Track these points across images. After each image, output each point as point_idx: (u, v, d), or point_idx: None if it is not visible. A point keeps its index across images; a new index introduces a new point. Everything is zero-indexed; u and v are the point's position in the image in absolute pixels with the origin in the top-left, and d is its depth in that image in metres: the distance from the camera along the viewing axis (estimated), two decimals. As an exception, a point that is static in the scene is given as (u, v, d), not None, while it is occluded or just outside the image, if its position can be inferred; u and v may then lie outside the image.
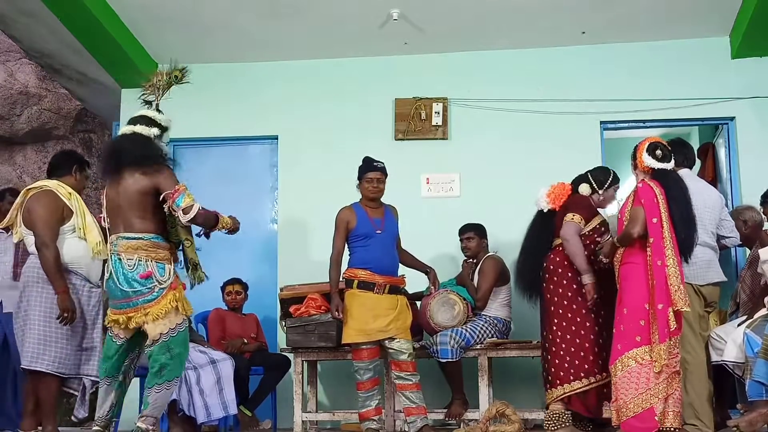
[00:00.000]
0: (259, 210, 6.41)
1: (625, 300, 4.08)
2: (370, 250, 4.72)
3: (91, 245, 4.25)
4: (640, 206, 4.08)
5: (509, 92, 6.06)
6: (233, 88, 6.38)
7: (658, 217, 4.04)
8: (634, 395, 3.97)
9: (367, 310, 4.63)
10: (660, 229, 4.02)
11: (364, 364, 4.67)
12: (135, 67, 6.10)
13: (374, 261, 4.69)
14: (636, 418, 3.96)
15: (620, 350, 4.03)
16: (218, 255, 6.26)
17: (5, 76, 7.79)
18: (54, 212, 4.16)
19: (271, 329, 5.87)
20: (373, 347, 4.68)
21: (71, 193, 4.27)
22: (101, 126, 8.46)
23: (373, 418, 4.71)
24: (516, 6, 5.59)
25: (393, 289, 4.68)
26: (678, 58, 6.00)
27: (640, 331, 4.00)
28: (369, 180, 4.79)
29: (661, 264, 3.98)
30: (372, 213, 4.81)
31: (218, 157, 6.50)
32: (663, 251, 3.99)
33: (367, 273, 4.68)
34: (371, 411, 4.70)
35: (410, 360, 4.66)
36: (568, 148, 5.93)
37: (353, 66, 6.31)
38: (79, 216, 4.23)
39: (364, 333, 4.63)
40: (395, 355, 4.67)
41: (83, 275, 4.29)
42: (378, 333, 4.63)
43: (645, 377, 3.96)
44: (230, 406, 4.87)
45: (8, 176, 7.91)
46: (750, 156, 5.86)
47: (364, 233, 4.73)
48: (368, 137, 6.02)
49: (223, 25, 5.89)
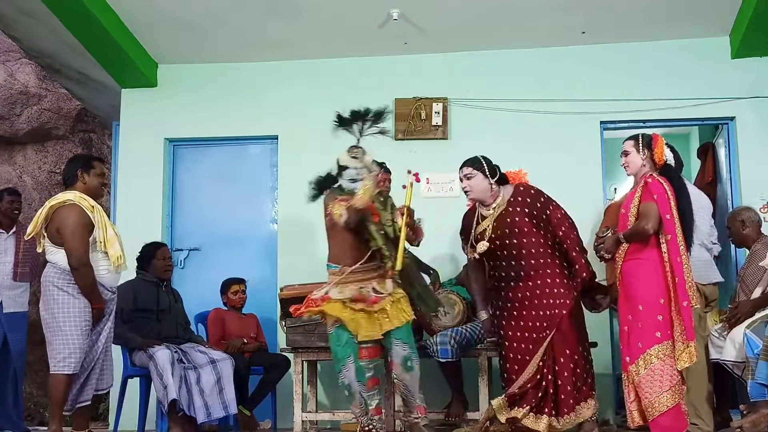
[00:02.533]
0: (259, 210, 6.41)
1: (639, 297, 3.98)
2: None
3: (113, 259, 4.30)
4: (653, 202, 3.98)
5: (509, 92, 6.06)
6: (233, 88, 6.37)
7: (671, 213, 3.96)
8: (659, 393, 3.88)
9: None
10: (674, 226, 3.96)
11: (365, 363, 4.67)
12: (135, 67, 6.12)
13: None
14: (665, 416, 3.87)
15: (642, 348, 3.93)
16: (218, 255, 6.29)
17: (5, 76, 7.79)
18: (85, 228, 4.21)
19: (271, 329, 5.87)
20: (373, 346, 4.67)
21: (94, 206, 4.29)
22: (101, 126, 8.46)
23: (374, 418, 4.71)
24: (516, 6, 5.58)
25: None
26: (678, 58, 6.00)
27: (659, 327, 3.91)
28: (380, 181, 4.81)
29: (680, 261, 3.90)
30: None
31: (218, 157, 6.50)
32: (679, 247, 3.92)
33: None
34: (371, 411, 4.70)
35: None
36: (568, 148, 5.93)
37: (353, 66, 6.30)
38: (100, 229, 4.26)
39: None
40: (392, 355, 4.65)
41: (104, 285, 4.34)
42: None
43: (669, 374, 3.87)
44: (230, 405, 4.88)
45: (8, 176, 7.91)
46: (750, 156, 5.86)
47: None
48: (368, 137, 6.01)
49: (223, 25, 5.88)
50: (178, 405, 4.69)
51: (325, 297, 4.11)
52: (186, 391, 4.74)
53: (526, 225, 4.26)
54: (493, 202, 4.35)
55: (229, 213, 6.38)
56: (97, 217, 4.27)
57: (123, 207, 6.25)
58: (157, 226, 6.22)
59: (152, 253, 5.26)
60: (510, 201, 4.31)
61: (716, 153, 6.46)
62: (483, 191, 4.34)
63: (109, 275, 4.33)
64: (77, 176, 4.37)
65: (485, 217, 4.36)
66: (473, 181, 4.33)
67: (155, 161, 6.35)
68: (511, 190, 4.36)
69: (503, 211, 4.29)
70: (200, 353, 4.95)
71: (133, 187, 6.26)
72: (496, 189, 4.36)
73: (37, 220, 4.29)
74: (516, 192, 4.34)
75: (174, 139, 6.47)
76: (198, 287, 6.11)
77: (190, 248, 6.35)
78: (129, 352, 4.98)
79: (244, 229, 6.37)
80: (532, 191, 4.34)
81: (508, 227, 4.28)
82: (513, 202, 4.30)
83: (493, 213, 4.32)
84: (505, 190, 4.37)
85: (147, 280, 5.19)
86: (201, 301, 5.84)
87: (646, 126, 6.20)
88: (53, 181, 8.15)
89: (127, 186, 6.26)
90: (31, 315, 5.67)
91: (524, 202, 4.30)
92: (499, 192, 4.36)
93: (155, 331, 5.01)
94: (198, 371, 4.83)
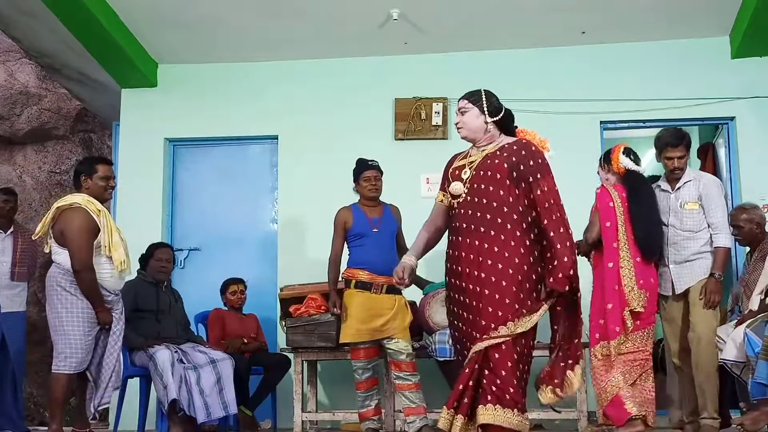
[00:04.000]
0: (259, 210, 6.41)
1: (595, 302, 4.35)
2: (366, 250, 4.73)
3: (116, 263, 4.29)
4: (596, 211, 4.40)
5: (509, 92, 5.99)
6: (233, 88, 6.38)
7: (612, 220, 4.32)
8: (606, 385, 4.22)
9: (365, 310, 4.64)
10: (614, 232, 4.30)
11: (362, 364, 4.69)
12: (135, 67, 6.12)
13: (371, 260, 4.69)
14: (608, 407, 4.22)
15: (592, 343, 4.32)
16: (218, 255, 6.29)
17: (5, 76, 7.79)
18: (89, 232, 4.20)
19: (271, 329, 5.87)
20: (370, 347, 4.69)
21: (100, 210, 4.29)
22: (101, 126, 8.46)
23: (373, 418, 4.73)
24: (516, 6, 5.59)
25: (391, 288, 4.65)
26: (678, 58, 6.00)
27: (599, 329, 4.30)
28: (366, 179, 4.82)
29: (612, 266, 4.26)
30: (369, 212, 4.83)
31: (218, 157, 6.50)
32: (615, 253, 4.27)
33: (364, 273, 4.69)
34: (370, 411, 4.72)
35: (409, 360, 4.67)
36: (568, 148, 5.89)
37: (353, 66, 6.31)
38: (106, 234, 4.27)
39: (361, 333, 4.64)
40: (394, 355, 4.67)
41: (107, 288, 4.33)
42: (375, 332, 4.64)
43: (604, 369, 4.25)
44: (230, 405, 4.87)
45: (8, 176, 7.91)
46: (750, 156, 5.86)
47: (360, 232, 4.76)
48: (368, 137, 6.03)
49: (223, 25, 5.89)
50: (178, 405, 4.68)
51: None
52: (186, 391, 4.74)
53: (503, 180, 3.30)
54: (486, 145, 3.46)
55: (229, 213, 6.38)
56: (103, 221, 4.27)
57: (123, 207, 6.25)
58: (157, 226, 6.22)
59: (151, 253, 5.26)
60: (503, 147, 3.40)
61: (716, 153, 6.46)
62: (475, 130, 3.47)
63: (112, 279, 4.34)
64: (81, 181, 4.39)
65: (472, 160, 3.45)
66: (467, 117, 3.51)
67: (155, 161, 6.35)
68: (510, 141, 3.47)
69: (489, 155, 3.39)
70: (200, 353, 4.95)
71: (134, 187, 6.26)
72: (494, 132, 3.48)
73: (45, 220, 4.33)
74: (514, 143, 3.43)
75: (174, 139, 6.47)
76: (198, 287, 6.11)
77: (190, 248, 6.35)
78: (129, 352, 4.97)
79: (244, 229, 6.37)
80: (531, 148, 3.39)
81: (487, 174, 3.34)
82: (504, 149, 3.39)
83: (478, 156, 3.43)
84: (505, 139, 3.49)
85: (147, 280, 5.19)
86: (201, 301, 5.83)
87: (646, 126, 6.21)
88: (53, 181, 8.15)
89: (127, 186, 6.25)
90: (30, 315, 5.68)
91: (514, 153, 3.35)
92: (497, 137, 3.48)
93: (155, 331, 5.01)
94: (198, 371, 4.83)
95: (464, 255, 3.29)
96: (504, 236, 3.22)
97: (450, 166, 3.55)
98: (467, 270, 3.27)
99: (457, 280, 3.33)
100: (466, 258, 3.28)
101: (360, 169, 4.87)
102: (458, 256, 3.32)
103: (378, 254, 4.70)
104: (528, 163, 3.31)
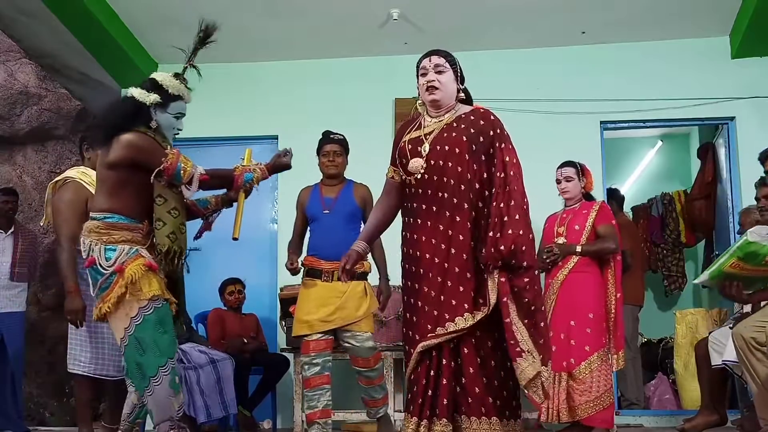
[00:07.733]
0: (259, 210, 6.41)
1: (589, 305, 4.43)
2: (315, 234, 4.35)
3: None
4: (611, 224, 4.57)
5: (509, 92, 6.05)
6: (233, 88, 6.38)
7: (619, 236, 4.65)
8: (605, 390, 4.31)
9: (311, 300, 4.22)
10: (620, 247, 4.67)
11: (308, 358, 4.18)
12: (135, 67, 6.12)
13: (319, 245, 4.29)
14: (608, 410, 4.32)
15: (589, 351, 4.35)
16: (218, 255, 6.28)
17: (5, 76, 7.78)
18: (75, 206, 3.91)
19: (271, 329, 5.87)
20: (319, 339, 4.19)
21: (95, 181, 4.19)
22: (101, 126, 8.45)
23: (318, 421, 4.18)
24: (516, 6, 5.59)
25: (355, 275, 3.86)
26: (678, 58, 6.01)
27: (604, 333, 4.42)
28: (325, 153, 4.46)
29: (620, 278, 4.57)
30: (326, 191, 4.42)
31: (218, 157, 6.45)
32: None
33: (313, 259, 4.31)
34: (316, 413, 4.18)
35: (368, 356, 4.23)
36: (568, 148, 5.91)
37: (353, 66, 6.31)
38: None
39: (306, 324, 4.20)
40: (350, 350, 4.26)
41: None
42: (320, 324, 4.18)
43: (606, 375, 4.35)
44: (230, 405, 4.87)
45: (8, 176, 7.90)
46: (750, 156, 5.84)
47: (311, 214, 4.39)
48: (368, 137, 6.02)
49: (223, 25, 5.85)
50: (178, 405, 4.68)
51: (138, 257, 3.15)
52: (186, 391, 4.74)
53: (461, 155, 3.02)
54: (444, 113, 3.15)
55: (229, 213, 6.37)
56: None
57: (123, 207, 6.24)
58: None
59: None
60: (460, 117, 3.11)
61: (716, 153, 6.46)
62: (450, 95, 3.17)
63: None
64: (82, 152, 4.35)
65: (429, 131, 3.13)
66: (445, 78, 3.20)
67: (155, 161, 6.34)
68: (467, 110, 3.16)
69: (446, 126, 3.09)
70: (200, 353, 4.95)
71: (133, 187, 6.25)
72: (454, 101, 3.20)
73: (45, 205, 4.22)
74: (471, 113, 3.12)
75: (174, 139, 6.45)
76: (198, 287, 6.08)
77: (190, 248, 6.32)
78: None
79: (244, 229, 6.32)
80: (490, 117, 3.09)
81: (444, 149, 3.05)
82: (461, 119, 3.10)
83: (436, 127, 3.11)
84: (462, 108, 3.18)
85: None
86: (201, 301, 5.83)
87: (646, 126, 6.22)
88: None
89: (127, 186, 6.24)
90: (30, 315, 5.67)
91: (472, 123, 3.07)
92: (455, 106, 3.19)
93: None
94: (198, 371, 4.83)
95: (424, 239, 3.00)
96: (459, 218, 2.95)
97: (401, 138, 3.20)
98: (427, 256, 2.98)
99: (416, 266, 3.02)
100: (427, 243, 2.99)
101: (322, 141, 4.48)
102: (417, 240, 3.02)
103: (326, 238, 4.25)
104: (488, 132, 3.03)
